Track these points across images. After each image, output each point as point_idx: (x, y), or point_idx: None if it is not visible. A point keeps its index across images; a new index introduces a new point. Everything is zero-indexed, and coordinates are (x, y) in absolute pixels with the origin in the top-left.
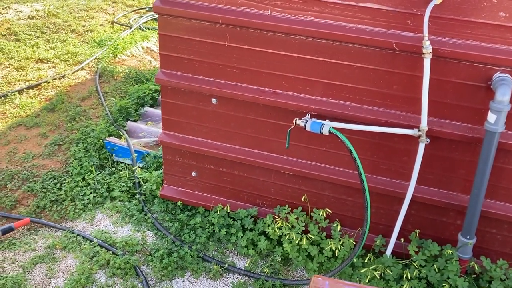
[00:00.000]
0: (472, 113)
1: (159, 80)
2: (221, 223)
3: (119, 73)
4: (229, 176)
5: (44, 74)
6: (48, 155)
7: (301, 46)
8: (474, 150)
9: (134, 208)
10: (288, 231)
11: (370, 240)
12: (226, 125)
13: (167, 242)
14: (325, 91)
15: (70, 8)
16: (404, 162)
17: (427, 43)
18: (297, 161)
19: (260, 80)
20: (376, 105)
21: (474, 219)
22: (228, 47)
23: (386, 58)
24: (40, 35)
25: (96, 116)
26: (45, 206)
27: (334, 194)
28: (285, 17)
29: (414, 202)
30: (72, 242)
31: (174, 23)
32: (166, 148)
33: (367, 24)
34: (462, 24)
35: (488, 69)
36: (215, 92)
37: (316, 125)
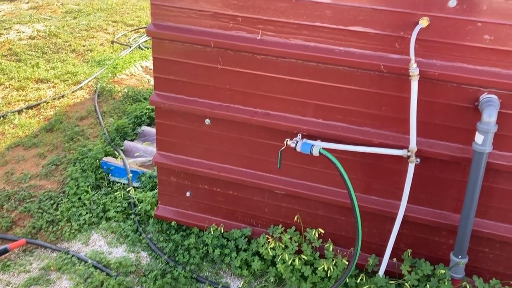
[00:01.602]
0: (461, 133)
1: (153, 102)
2: (215, 243)
3: (117, 92)
4: (223, 196)
5: (44, 94)
6: (45, 176)
7: (292, 69)
8: (464, 170)
9: (129, 228)
10: (281, 251)
11: (363, 260)
12: (219, 146)
13: (161, 263)
14: (316, 112)
15: (71, 28)
16: (396, 182)
17: (414, 65)
18: (290, 180)
19: (252, 101)
20: (366, 126)
21: (465, 239)
22: (221, 69)
23: (375, 80)
24: (40, 55)
25: (94, 136)
26: (41, 227)
27: (327, 213)
28: (275, 41)
29: (406, 222)
30: (67, 263)
31: (167, 46)
32: (160, 169)
33: (355, 47)
34: (448, 47)
35: (475, 90)
36: (208, 113)
37: (306, 146)
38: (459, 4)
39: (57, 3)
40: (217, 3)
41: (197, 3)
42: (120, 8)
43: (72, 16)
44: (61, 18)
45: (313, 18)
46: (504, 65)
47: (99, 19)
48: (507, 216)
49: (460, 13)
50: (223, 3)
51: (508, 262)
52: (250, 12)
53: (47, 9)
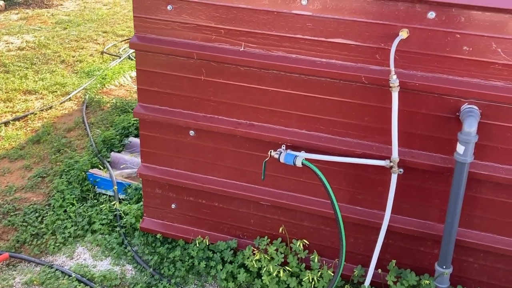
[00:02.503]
0: (443, 143)
1: (137, 114)
2: (200, 255)
3: (106, 103)
4: (208, 208)
5: (32, 105)
6: (31, 188)
7: (275, 80)
8: (447, 179)
9: (115, 241)
10: (267, 263)
11: (349, 271)
12: (204, 157)
13: (146, 276)
14: (299, 123)
15: (61, 39)
16: (380, 192)
17: (394, 77)
18: (275, 191)
19: (236, 113)
20: (349, 136)
21: (449, 249)
22: (204, 81)
23: (357, 91)
24: (29, 66)
25: (81, 147)
26: (25, 241)
27: (312, 224)
28: (258, 53)
29: (391, 232)
30: (50, 278)
31: (151, 58)
32: (145, 181)
33: (337, 58)
34: (428, 58)
35: (456, 101)
36: (193, 125)
37: (289, 157)
38: (438, 16)
39: (47, 13)
40: (200, 16)
41: (180, 15)
42: (111, 19)
43: (62, 26)
44: (51, 29)
45: (294, 30)
46: (483, 76)
47: (89, 29)
48: (491, 226)
49: (439, 24)
50: (206, 16)
51: (492, 272)
52: (233, 24)
53: (37, 20)
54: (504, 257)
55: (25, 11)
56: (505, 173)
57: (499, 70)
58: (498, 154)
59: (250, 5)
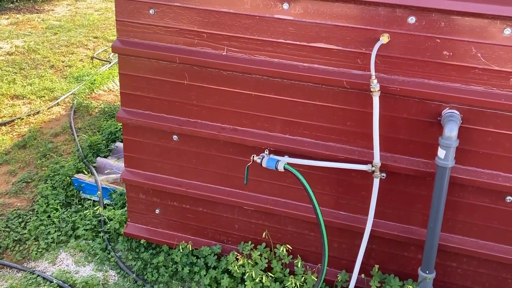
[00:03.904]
0: (425, 148)
1: (120, 119)
2: (184, 261)
3: (94, 108)
4: (192, 213)
5: (19, 110)
6: (15, 193)
7: (257, 85)
8: (429, 184)
9: (98, 246)
10: (250, 269)
11: (333, 276)
12: (188, 162)
13: (129, 282)
14: (283, 128)
15: (51, 44)
16: (363, 197)
17: (375, 81)
18: (259, 196)
19: (219, 117)
20: (331, 141)
21: (432, 253)
22: (187, 85)
23: (339, 96)
24: (18, 71)
25: (67, 153)
26: (8, 246)
27: (296, 229)
28: (240, 57)
29: (374, 237)
30: (31, 284)
31: (133, 62)
32: (129, 186)
33: (318, 63)
34: (409, 63)
35: (437, 105)
36: (176, 129)
37: (271, 161)
38: (418, 20)
39: (38, 19)
40: (182, 20)
41: (162, 19)
42: (102, 24)
43: (53, 32)
44: (41, 34)
45: (276, 35)
46: (463, 81)
47: (80, 35)
48: (474, 231)
49: (419, 29)
50: (188, 20)
51: (475, 277)
52: (215, 28)
53: (27, 25)
54: (487, 262)
55: (16, 16)
56: (487, 177)
57: (479, 74)
58: (480, 159)
59: (232, 9)
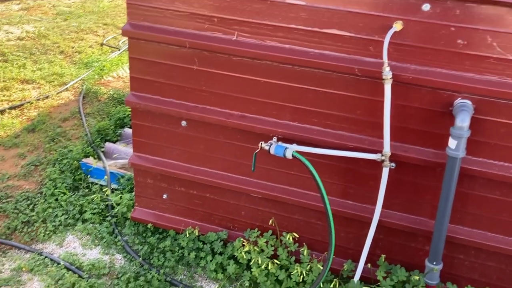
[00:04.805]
0: (436, 138)
1: (129, 103)
2: (190, 246)
3: (103, 94)
4: (200, 199)
5: (28, 94)
6: (24, 176)
7: (267, 71)
8: (439, 175)
9: (105, 230)
10: (256, 255)
11: (339, 265)
12: (196, 148)
13: (136, 266)
14: (291, 115)
15: (61, 30)
16: (371, 187)
17: (387, 69)
18: (266, 184)
19: (228, 103)
20: (341, 130)
21: (439, 245)
22: (197, 70)
23: (350, 83)
24: (28, 56)
25: (76, 137)
26: (16, 228)
27: (303, 217)
28: (251, 42)
29: (382, 227)
30: (39, 265)
31: (143, 46)
32: (137, 170)
33: (330, 49)
34: (422, 51)
35: (449, 95)
36: (184, 115)
37: (279, 148)
38: (433, 8)
39: (48, 4)
40: (193, 4)
41: (173, 3)
42: (112, 11)
43: (63, 18)
44: (51, 19)
45: (288, 20)
46: (477, 70)
47: (90, 21)
48: (483, 223)
49: (433, 17)
50: (199, 4)
51: (483, 269)
52: (226, 12)
53: (38, 11)
54: (496, 255)
55: (27, 1)
56: (498, 169)
57: (493, 64)
58: (491, 150)
59: None
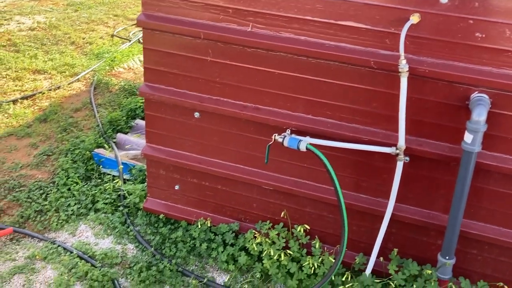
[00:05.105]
0: (451, 132)
1: (142, 93)
2: (202, 237)
3: (114, 85)
4: (212, 190)
5: (40, 85)
6: (36, 165)
7: (282, 63)
8: (453, 169)
9: (117, 220)
10: (268, 247)
11: (351, 258)
12: (208, 139)
13: (148, 255)
14: (305, 108)
15: (72, 21)
16: (385, 180)
17: (403, 62)
18: (279, 176)
19: (242, 95)
20: (355, 123)
21: (453, 239)
22: (211, 62)
23: (365, 76)
24: (39, 46)
25: (87, 128)
26: (29, 216)
27: (315, 210)
28: (266, 34)
29: (394, 221)
30: (53, 253)
31: (158, 37)
32: (150, 161)
33: (346, 42)
34: (439, 44)
35: (466, 89)
36: (198, 106)
37: (293, 141)
38: (451, 1)
39: None
40: None
41: None
42: (122, 2)
43: (74, 8)
44: (62, 10)
45: (304, 12)
46: (495, 64)
47: (100, 12)
48: (497, 218)
49: (451, 10)
50: None
51: (496, 265)
52: (241, 3)
53: (49, 1)
54: (510, 250)
55: None
56: None
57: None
58: (508, 145)
59: None
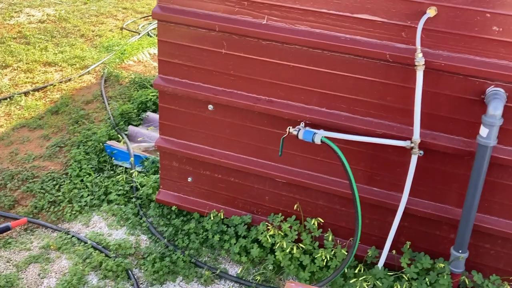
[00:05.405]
0: (466, 126)
1: (157, 86)
2: (214, 229)
3: (124, 78)
4: (224, 183)
5: (51, 77)
6: (49, 157)
7: (297, 55)
8: (467, 163)
9: (130, 211)
10: (280, 239)
11: (363, 251)
12: (222, 132)
13: (161, 247)
14: (319, 101)
15: (81, 13)
16: (398, 174)
17: (420, 55)
18: (292, 169)
19: (256, 88)
20: (370, 116)
21: (466, 233)
22: (225, 54)
23: (380, 69)
24: (49, 39)
25: (99, 120)
26: (43, 207)
27: (327, 203)
28: (281, 26)
29: (407, 214)
30: (67, 243)
31: (172, 29)
32: (163, 153)
33: (361, 35)
34: (455, 38)
35: (481, 83)
36: (212, 99)
37: (308, 134)
38: None
39: None
40: None
41: None
42: None
43: (83, 1)
44: (71, 3)
45: (319, 4)
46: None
47: (109, 5)
48: (510, 212)
49: (468, 3)
50: None
51: (509, 259)
52: None
53: None
54: None
55: None
56: None
57: None
58: None
59: None
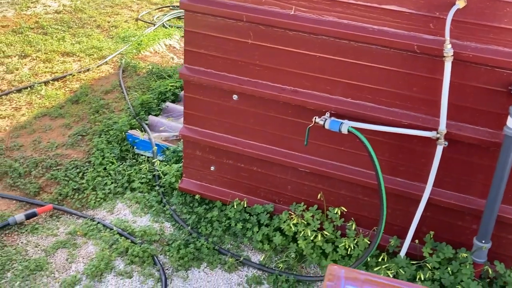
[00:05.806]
0: (492, 117)
1: (182, 75)
2: (237, 217)
3: (141, 68)
4: (247, 172)
5: (70, 67)
6: (71, 145)
7: (323, 46)
8: (492, 155)
9: (153, 199)
10: (303, 228)
11: (384, 241)
12: (246, 121)
13: (184, 234)
14: (345, 91)
15: (96, 4)
16: (422, 164)
17: (449, 46)
18: (315, 159)
19: (281, 78)
20: (395, 107)
21: (490, 224)
22: (251, 44)
23: (407, 60)
24: (66, 29)
25: (118, 110)
26: (67, 194)
27: (350, 193)
28: (308, 17)
29: (430, 205)
30: (93, 230)
31: (199, 19)
32: (186, 142)
33: (389, 26)
34: (484, 29)
35: (509, 74)
36: (237, 89)
37: (335, 123)
38: None
39: None
40: None
41: None
42: None
43: None
44: None
45: None
46: None
47: None
48: None
49: None
50: None
51: None
52: None
53: None
54: None
55: None
56: None
57: None
58: None
59: None
